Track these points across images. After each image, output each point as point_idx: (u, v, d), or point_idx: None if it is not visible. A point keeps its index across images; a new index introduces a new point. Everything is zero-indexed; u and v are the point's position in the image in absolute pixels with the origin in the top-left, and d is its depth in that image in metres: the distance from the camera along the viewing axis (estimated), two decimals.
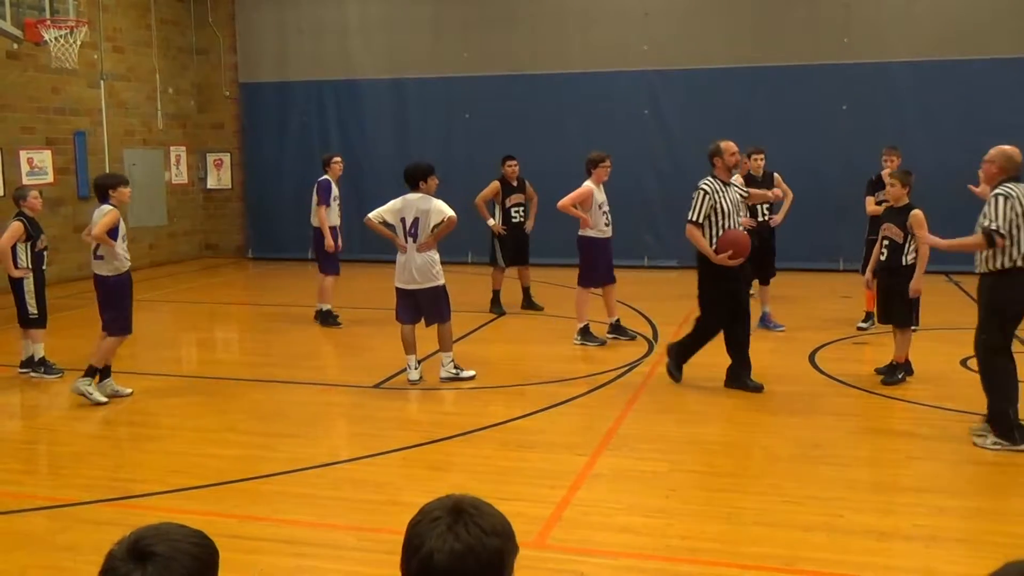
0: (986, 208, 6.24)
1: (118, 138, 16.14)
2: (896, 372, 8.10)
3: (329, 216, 10.98)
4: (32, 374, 8.70)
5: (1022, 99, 14.16)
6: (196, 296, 14.11)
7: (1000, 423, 6.39)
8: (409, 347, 8.39)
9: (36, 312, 8.64)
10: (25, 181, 13.36)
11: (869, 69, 14.83)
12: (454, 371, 8.39)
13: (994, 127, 13.95)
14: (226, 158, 18.32)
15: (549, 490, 5.69)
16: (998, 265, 6.25)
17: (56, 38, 12.29)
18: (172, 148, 17.61)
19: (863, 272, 9.58)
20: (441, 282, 8.30)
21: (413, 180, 8.27)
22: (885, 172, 9.71)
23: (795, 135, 14.74)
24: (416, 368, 8.39)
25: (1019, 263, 6.21)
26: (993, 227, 6.15)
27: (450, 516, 1.78)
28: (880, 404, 7.58)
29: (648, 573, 4.67)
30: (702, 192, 7.78)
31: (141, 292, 13.99)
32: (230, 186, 18.40)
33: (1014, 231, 6.17)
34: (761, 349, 9.65)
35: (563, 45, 16.11)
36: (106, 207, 7.75)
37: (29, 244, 8.57)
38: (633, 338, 10.05)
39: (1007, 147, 6.41)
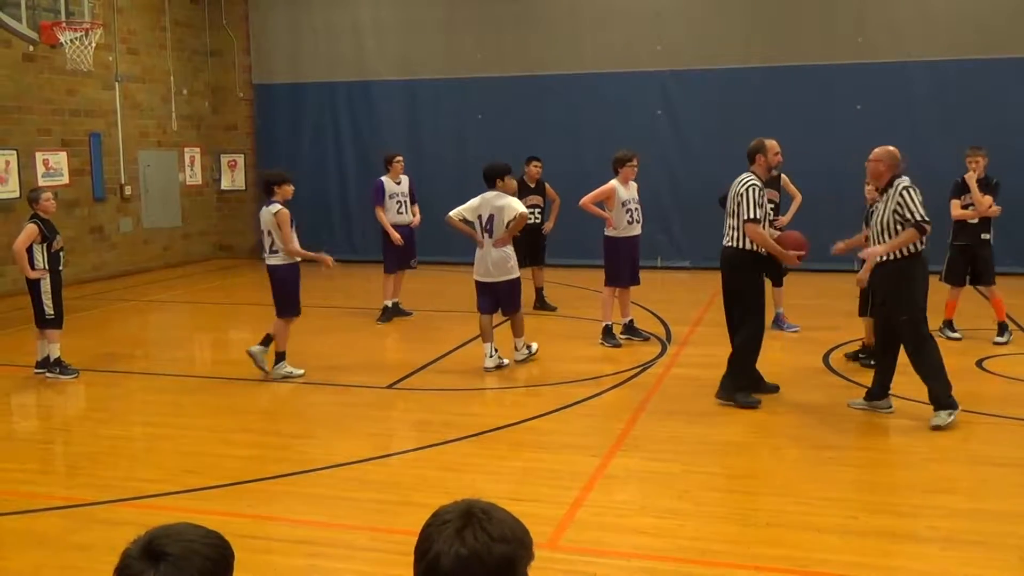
0: (901, 203, 6.75)
1: (133, 139, 16.22)
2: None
3: (387, 215, 11.20)
4: (48, 374, 8.75)
5: None
6: (210, 297, 14.16)
7: (944, 398, 6.86)
8: (486, 335, 8.85)
9: (52, 313, 8.70)
10: (41, 182, 13.44)
11: (884, 69, 14.77)
12: (526, 351, 9.10)
13: (1011, 127, 13.92)
14: (240, 159, 18.38)
15: (562, 491, 5.69)
16: (911, 250, 6.83)
17: (71, 40, 12.36)
18: (186, 149, 17.68)
19: (946, 280, 9.72)
20: (516, 275, 8.87)
21: (490, 179, 8.81)
22: (969, 175, 9.52)
23: (809, 135, 14.69)
24: (493, 356, 8.81)
25: (920, 247, 6.86)
26: (918, 217, 6.70)
27: (460, 520, 1.78)
28: (894, 405, 7.54)
29: (661, 574, 4.66)
30: (756, 187, 7.36)
31: (155, 293, 14.13)
32: (244, 187, 18.46)
33: None
34: (774, 348, 9.64)
35: (576, 46, 16.09)
36: (275, 206, 8.47)
37: (45, 245, 8.62)
38: (646, 339, 10.04)
39: (890, 147, 6.98)
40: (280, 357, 8.65)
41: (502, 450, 6.60)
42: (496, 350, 8.88)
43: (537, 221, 11.62)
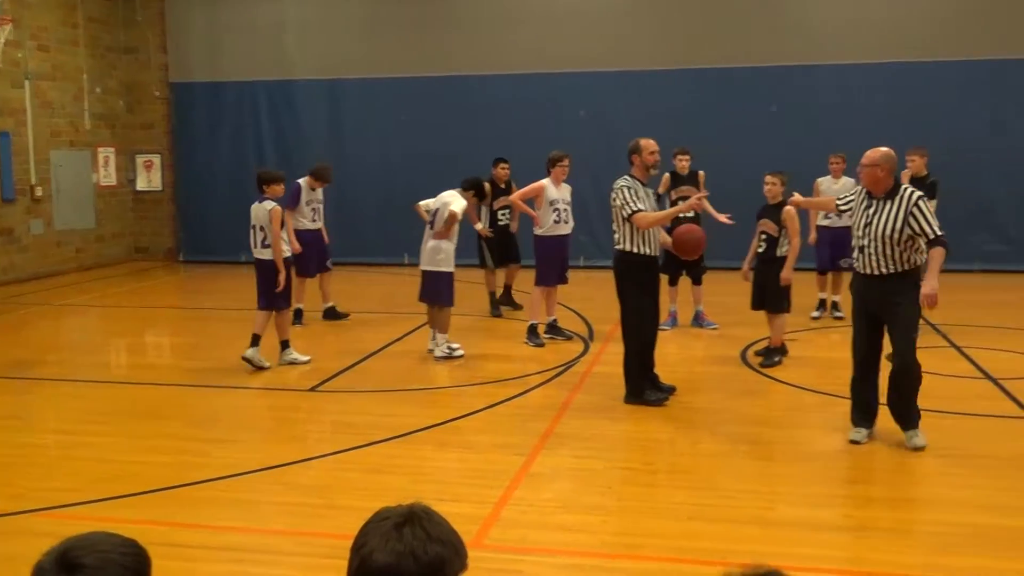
0: (917, 217, 6.08)
1: (44, 139, 15.75)
2: (773, 355, 8.87)
3: (297, 220, 10.91)
4: None
5: (954, 102, 14.66)
6: (126, 300, 13.84)
7: (916, 416, 6.45)
8: (431, 323, 9.49)
9: None
10: None
11: (800, 71, 15.14)
12: (447, 350, 9.26)
13: (929, 129, 14.32)
14: (156, 159, 18.00)
15: (487, 490, 5.71)
16: (917, 262, 6.29)
17: None
18: (100, 149, 17.24)
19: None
20: (444, 269, 9.21)
21: (463, 184, 9.47)
22: (904, 172, 9.61)
23: (730, 137, 14.97)
24: (433, 340, 9.39)
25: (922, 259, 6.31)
26: (940, 234, 6.13)
27: (398, 518, 1.80)
28: (812, 399, 7.74)
29: (586, 570, 4.71)
30: (626, 187, 7.36)
31: (69, 296, 13.76)
32: (160, 188, 18.08)
33: None
34: (694, 346, 9.83)
35: (499, 46, 16.14)
36: (269, 203, 8.83)
37: None
38: (569, 338, 10.12)
39: (885, 148, 6.26)
40: (286, 344, 9.17)
41: (427, 451, 6.59)
42: (437, 338, 9.32)
43: (508, 222, 11.67)
